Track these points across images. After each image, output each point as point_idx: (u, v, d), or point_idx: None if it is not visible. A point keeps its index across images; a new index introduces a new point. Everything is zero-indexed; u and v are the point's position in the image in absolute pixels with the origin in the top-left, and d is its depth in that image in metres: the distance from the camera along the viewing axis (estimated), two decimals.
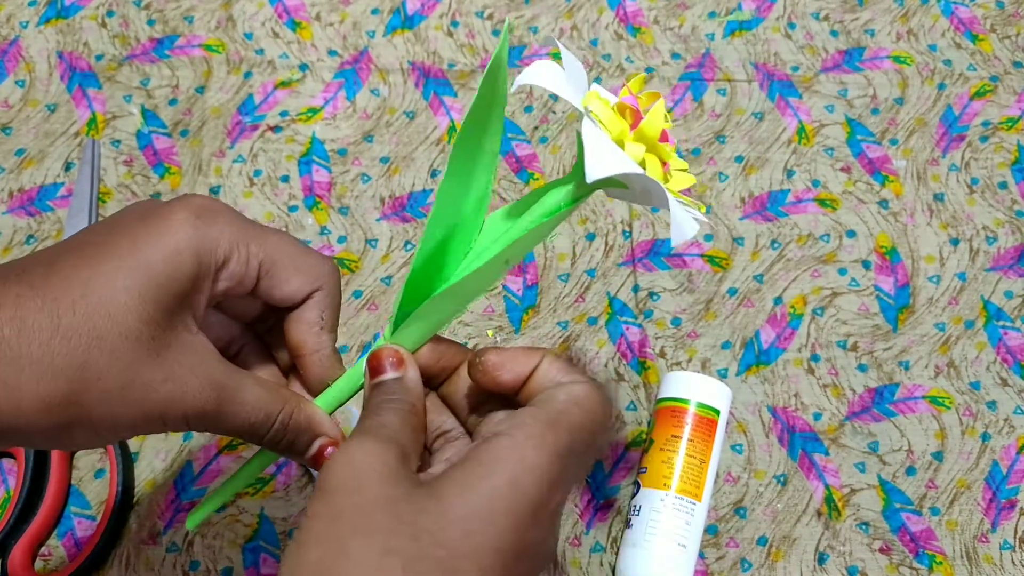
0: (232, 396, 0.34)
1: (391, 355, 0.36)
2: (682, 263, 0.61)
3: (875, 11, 0.69)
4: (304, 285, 0.36)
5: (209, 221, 0.33)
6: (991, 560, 0.54)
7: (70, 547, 0.54)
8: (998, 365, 0.58)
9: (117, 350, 0.31)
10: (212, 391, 0.33)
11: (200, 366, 0.33)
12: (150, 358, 0.31)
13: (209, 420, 0.34)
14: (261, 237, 0.35)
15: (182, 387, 0.32)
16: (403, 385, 0.35)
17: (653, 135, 0.33)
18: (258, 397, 0.35)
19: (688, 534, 0.51)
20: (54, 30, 0.68)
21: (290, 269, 0.36)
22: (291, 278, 0.36)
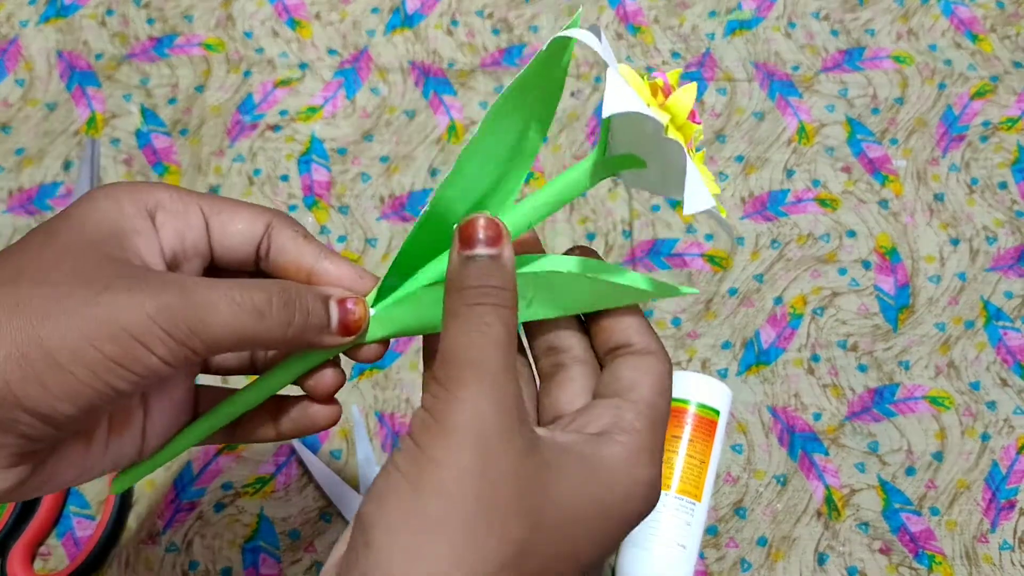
0: (200, 294, 0.30)
1: (488, 226, 0.30)
2: (682, 263, 0.61)
3: (875, 11, 0.69)
4: (256, 217, 0.34)
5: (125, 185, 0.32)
6: (990, 560, 0.54)
7: (69, 547, 0.53)
8: (998, 365, 0.58)
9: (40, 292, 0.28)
10: (168, 287, 0.29)
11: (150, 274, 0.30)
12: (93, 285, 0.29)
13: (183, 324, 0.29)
14: (194, 192, 0.34)
15: (129, 288, 0.29)
16: (502, 267, 0.30)
17: (681, 111, 0.31)
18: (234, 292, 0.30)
19: (688, 534, 0.51)
20: (54, 29, 0.68)
21: (235, 207, 0.34)
22: (239, 212, 0.34)
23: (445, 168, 0.63)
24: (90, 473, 0.32)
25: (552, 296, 0.33)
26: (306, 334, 0.32)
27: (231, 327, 0.30)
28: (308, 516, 0.54)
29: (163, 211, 0.32)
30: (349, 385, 0.57)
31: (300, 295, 0.32)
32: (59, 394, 0.28)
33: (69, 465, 0.31)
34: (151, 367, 0.29)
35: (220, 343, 0.30)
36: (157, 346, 0.29)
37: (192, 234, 0.33)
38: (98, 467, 0.33)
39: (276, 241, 0.34)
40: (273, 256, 0.34)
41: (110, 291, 0.28)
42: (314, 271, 0.34)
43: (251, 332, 0.30)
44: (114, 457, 0.33)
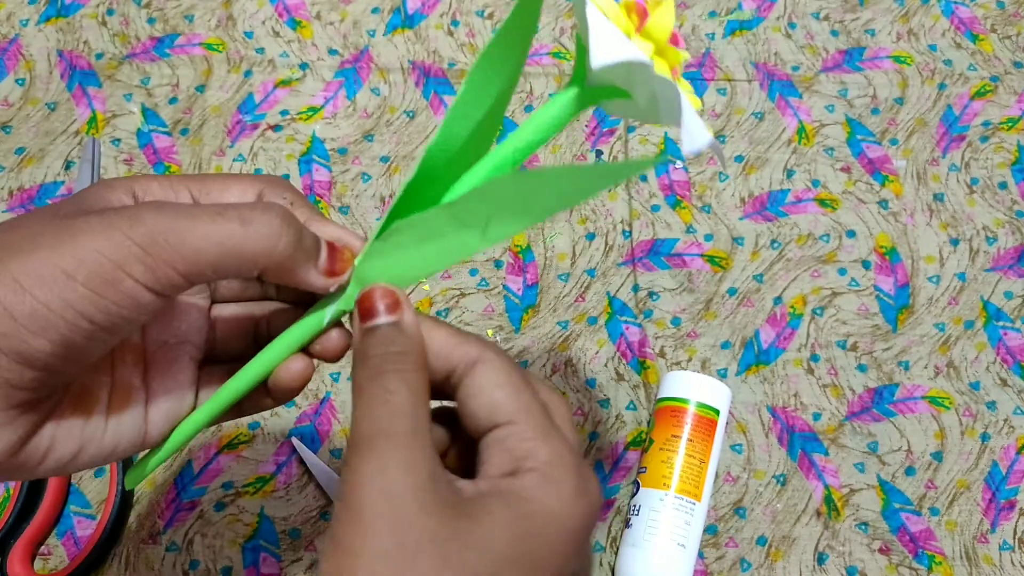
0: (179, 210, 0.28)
1: (384, 295, 0.31)
2: (682, 263, 0.61)
3: (875, 11, 0.69)
4: (245, 188, 0.33)
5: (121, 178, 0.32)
6: (990, 560, 0.54)
7: (70, 546, 0.54)
8: (998, 365, 0.58)
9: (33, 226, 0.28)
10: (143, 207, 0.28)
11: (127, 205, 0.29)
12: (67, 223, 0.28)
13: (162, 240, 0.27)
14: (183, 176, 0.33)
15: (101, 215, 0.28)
16: (403, 333, 0.30)
17: (662, 35, 0.30)
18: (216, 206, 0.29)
19: (687, 534, 0.51)
20: (54, 28, 0.68)
21: (223, 183, 0.33)
22: (228, 187, 0.32)
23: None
24: (91, 451, 0.32)
25: (513, 206, 0.30)
26: (295, 257, 0.30)
27: (214, 237, 0.28)
28: (308, 515, 0.54)
29: (151, 197, 0.32)
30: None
31: (297, 219, 0.31)
32: (32, 328, 0.26)
33: (67, 436, 0.31)
34: (129, 292, 0.27)
35: (202, 258, 0.28)
36: (133, 266, 0.27)
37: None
38: (98, 445, 0.32)
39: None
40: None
41: (84, 220, 0.28)
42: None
43: (236, 243, 0.28)
44: (115, 437, 0.32)
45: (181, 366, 0.34)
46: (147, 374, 0.33)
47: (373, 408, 0.29)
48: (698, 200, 0.63)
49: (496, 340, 0.59)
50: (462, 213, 0.31)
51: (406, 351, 0.30)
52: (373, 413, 0.29)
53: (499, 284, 0.60)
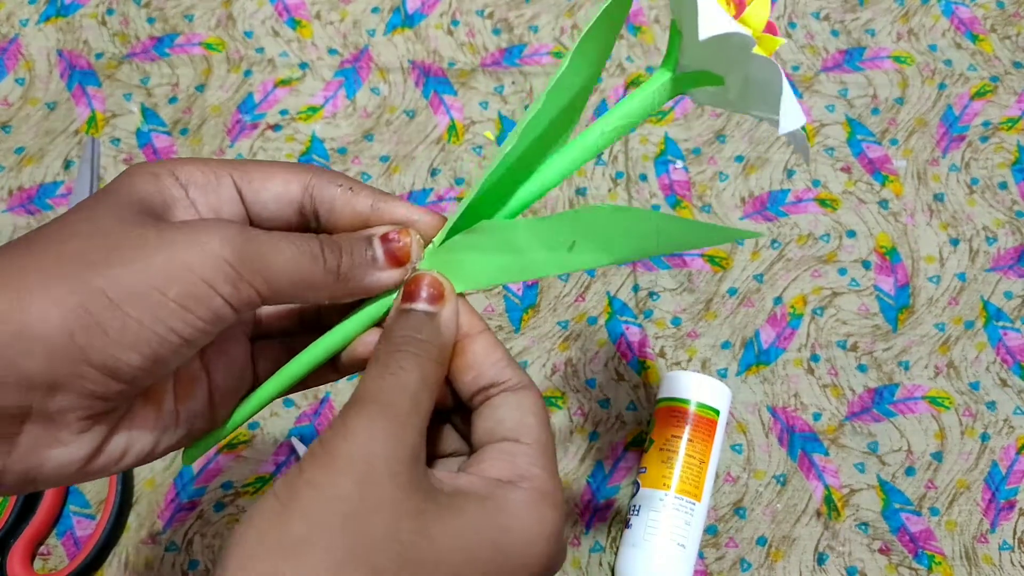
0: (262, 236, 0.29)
1: (432, 284, 0.32)
2: (682, 263, 0.61)
3: (875, 11, 0.69)
4: (290, 178, 0.33)
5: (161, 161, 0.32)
6: (990, 560, 0.54)
7: (69, 546, 0.53)
8: (998, 365, 0.58)
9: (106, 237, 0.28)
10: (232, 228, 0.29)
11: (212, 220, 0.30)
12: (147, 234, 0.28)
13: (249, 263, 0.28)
14: (223, 161, 0.33)
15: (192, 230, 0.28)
16: (434, 325, 0.31)
17: (759, 23, 0.31)
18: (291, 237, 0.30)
19: (687, 534, 0.51)
20: (54, 28, 0.68)
21: (267, 171, 0.33)
22: (272, 176, 0.33)
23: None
24: (166, 441, 0.32)
25: (599, 238, 0.31)
26: (357, 274, 0.31)
27: (292, 269, 0.30)
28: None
29: (194, 187, 0.32)
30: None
31: (343, 239, 0.32)
32: (124, 342, 0.27)
33: (142, 433, 0.31)
34: (215, 309, 0.28)
35: (282, 285, 0.30)
36: (223, 285, 0.28)
37: (226, 207, 0.32)
38: (173, 434, 0.32)
39: (323, 201, 0.33)
40: (324, 217, 0.33)
41: (168, 232, 0.28)
42: (371, 219, 0.33)
43: (308, 276, 0.30)
44: (187, 423, 0.33)
45: (236, 344, 0.35)
46: (205, 357, 0.33)
47: (382, 377, 0.29)
48: (698, 200, 0.63)
49: None
50: (547, 232, 0.31)
51: (431, 341, 0.31)
52: (380, 382, 0.29)
53: (500, 284, 0.60)
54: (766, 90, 0.31)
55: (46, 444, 0.28)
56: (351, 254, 0.31)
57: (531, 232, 0.31)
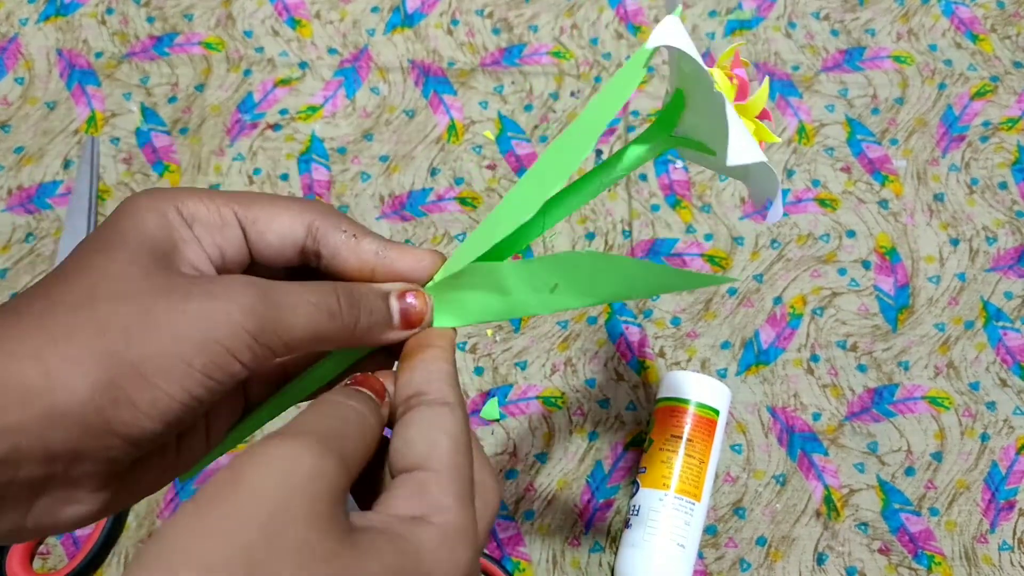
0: (280, 297, 0.30)
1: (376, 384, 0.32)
2: (681, 263, 0.61)
3: (875, 11, 0.69)
4: (296, 217, 0.33)
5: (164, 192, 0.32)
6: (990, 561, 0.54)
7: (69, 546, 0.53)
8: (997, 366, 0.58)
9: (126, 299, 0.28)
10: (248, 291, 0.29)
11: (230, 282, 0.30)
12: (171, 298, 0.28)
13: (269, 329, 0.29)
14: (227, 195, 0.33)
15: (210, 296, 0.28)
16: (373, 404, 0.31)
17: (755, 111, 0.33)
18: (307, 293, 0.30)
19: (687, 534, 0.51)
20: (53, 27, 0.67)
21: (272, 210, 0.33)
22: (279, 215, 0.33)
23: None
24: (166, 479, 0.32)
25: (580, 282, 0.32)
26: (371, 331, 0.32)
27: (309, 328, 0.30)
28: None
29: (199, 225, 0.32)
30: None
31: (362, 295, 0.32)
32: (151, 413, 0.27)
33: (149, 477, 0.32)
34: (234, 373, 0.29)
35: (299, 344, 0.30)
36: (243, 352, 0.29)
37: (231, 249, 0.32)
38: (172, 472, 0.33)
39: (327, 245, 0.33)
40: (327, 261, 0.33)
41: (192, 300, 0.28)
42: (377, 268, 0.33)
43: (324, 332, 0.31)
44: (186, 459, 0.33)
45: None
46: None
47: (318, 413, 0.29)
48: (698, 200, 0.63)
49: (495, 340, 0.59)
50: (533, 275, 0.32)
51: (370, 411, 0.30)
52: (317, 417, 0.28)
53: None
54: (761, 185, 0.33)
55: (63, 504, 0.29)
56: (370, 313, 0.32)
57: (517, 275, 0.32)
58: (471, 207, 0.62)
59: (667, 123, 0.34)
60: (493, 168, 0.64)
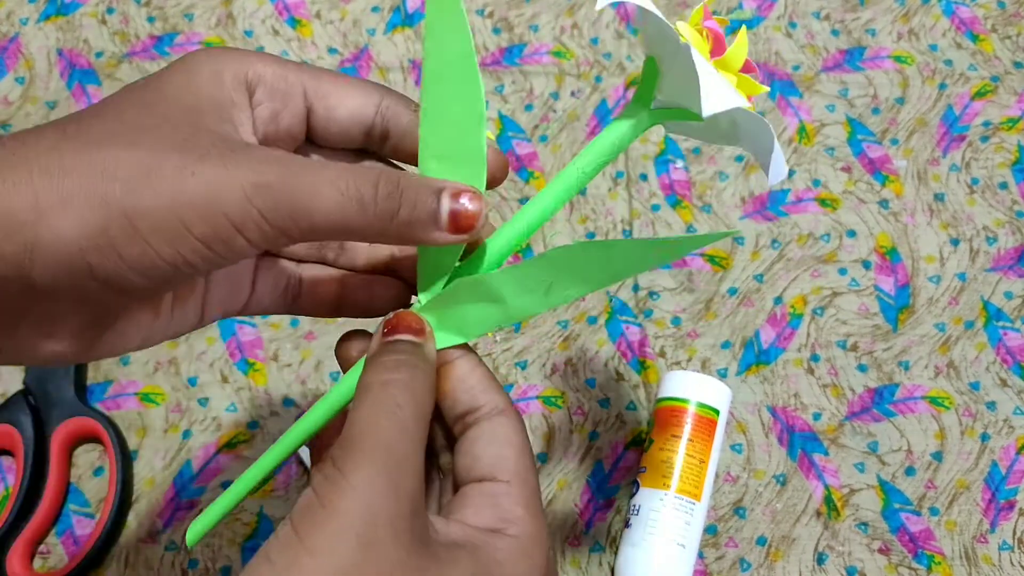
0: (304, 177, 0.27)
1: (414, 320, 0.30)
2: (682, 262, 0.61)
3: (876, 11, 0.69)
4: (367, 95, 0.31)
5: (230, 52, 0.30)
6: (990, 561, 0.54)
7: (69, 545, 0.53)
8: (998, 366, 0.58)
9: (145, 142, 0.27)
10: (269, 165, 0.27)
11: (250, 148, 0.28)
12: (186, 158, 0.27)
13: (284, 208, 0.27)
14: (298, 65, 0.31)
15: (225, 163, 0.27)
16: (422, 353, 0.30)
17: (736, 64, 0.31)
18: (338, 177, 0.28)
19: (687, 534, 0.51)
20: (54, 27, 0.68)
21: (344, 88, 0.31)
22: (349, 93, 0.31)
23: None
24: (151, 340, 0.31)
25: (573, 275, 0.31)
26: (412, 228, 0.29)
27: (332, 216, 0.27)
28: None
29: (263, 87, 0.30)
30: None
31: (409, 186, 0.29)
32: (135, 266, 0.26)
33: (135, 332, 0.31)
34: (237, 249, 0.27)
35: (317, 232, 0.28)
36: (250, 229, 0.27)
37: (289, 119, 0.31)
38: (160, 335, 0.32)
39: (397, 124, 0.31)
40: (395, 142, 0.32)
41: (206, 162, 0.26)
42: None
43: (352, 223, 0.28)
44: (177, 326, 0.32)
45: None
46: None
47: (379, 416, 0.28)
48: (698, 200, 0.63)
49: (496, 340, 0.59)
50: (524, 279, 0.31)
51: (420, 367, 0.30)
52: (378, 422, 0.28)
53: None
54: (754, 141, 0.31)
55: (43, 338, 0.28)
56: (413, 206, 0.29)
57: (509, 281, 0.31)
58: None
59: (645, 95, 0.32)
60: None
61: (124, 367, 0.58)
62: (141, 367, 0.58)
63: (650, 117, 0.32)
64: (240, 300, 0.34)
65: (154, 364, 0.58)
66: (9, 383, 0.57)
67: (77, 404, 0.55)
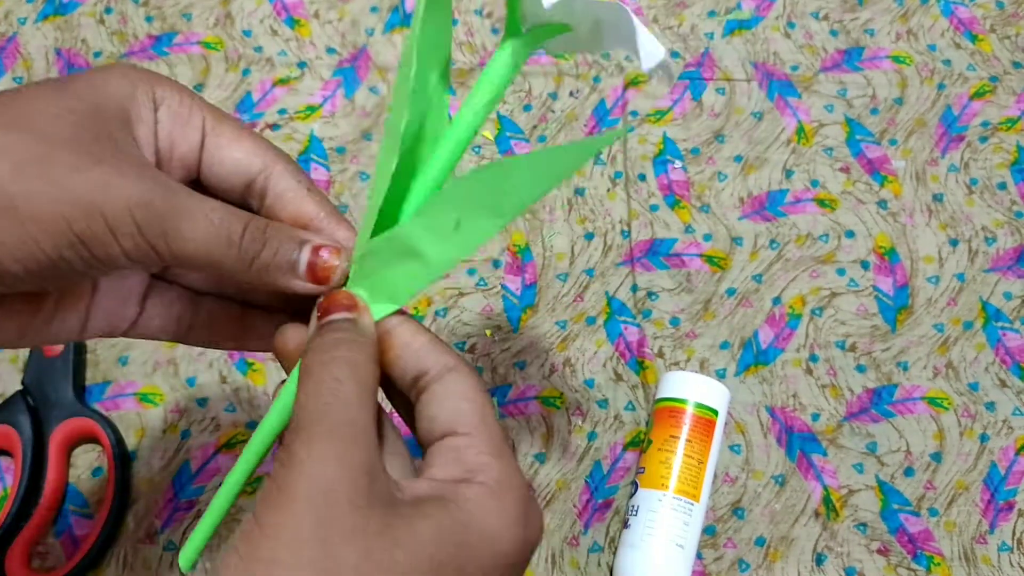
0: (183, 202, 0.29)
1: (345, 297, 0.31)
2: (680, 263, 0.61)
3: (874, 11, 0.69)
4: (256, 152, 0.32)
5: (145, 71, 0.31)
6: (989, 561, 0.54)
7: (67, 545, 0.53)
8: (997, 366, 0.58)
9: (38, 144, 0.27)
10: (157, 185, 0.28)
11: (144, 166, 0.29)
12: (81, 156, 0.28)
13: (157, 225, 0.28)
14: (205, 102, 0.32)
15: (119, 171, 0.28)
16: (359, 326, 0.31)
17: None
18: (213, 211, 0.29)
19: (686, 534, 0.51)
20: (52, 27, 0.67)
21: (238, 134, 0.32)
22: (240, 141, 0.32)
23: None
24: (29, 340, 0.32)
25: (479, 203, 0.30)
26: (271, 272, 0.31)
27: (200, 245, 0.29)
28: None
29: (166, 109, 0.31)
30: None
31: (275, 233, 0.31)
32: (12, 252, 0.27)
33: (11, 326, 0.31)
34: (111, 255, 0.28)
35: (185, 257, 0.29)
36: (125, 238, 0.28)
37: (184, 147, 0.32)
38: (37, 335, 0.32)
39: (275, 188, 0.32)
40: (270, 203, 0.32)
41: (100, 166, 0.28)
42: (311, 228, 0.32)
43: (216, 256, 0.30)
44: (57, 330, 0.32)
45: (133, 274, 0.34)
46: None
47: (320, 395, 0.28)
48: (697, 200, 0.63)
49: (495, 340, 0.59)
50: (431, 222, 0.30)
51: (359, 341, 0.30)
52: (320, 399, 0.28)
53: (497, 284, 0.60)
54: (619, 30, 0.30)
55: None
56: (275, 251, 0.31)
57: (417, 229, 0.31)
58: None
59: (513, 24, 0.31)
60: None
61: (123, 367, 0.58)
62: (140, 367, 0.58)
63: (524, 43, 0.31)
64: (126, 318, 0.35)
65: (153, 364, 0.58)
66: (8, 383, 0.57)
67: (75, 404, 0.55)
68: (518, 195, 0.30)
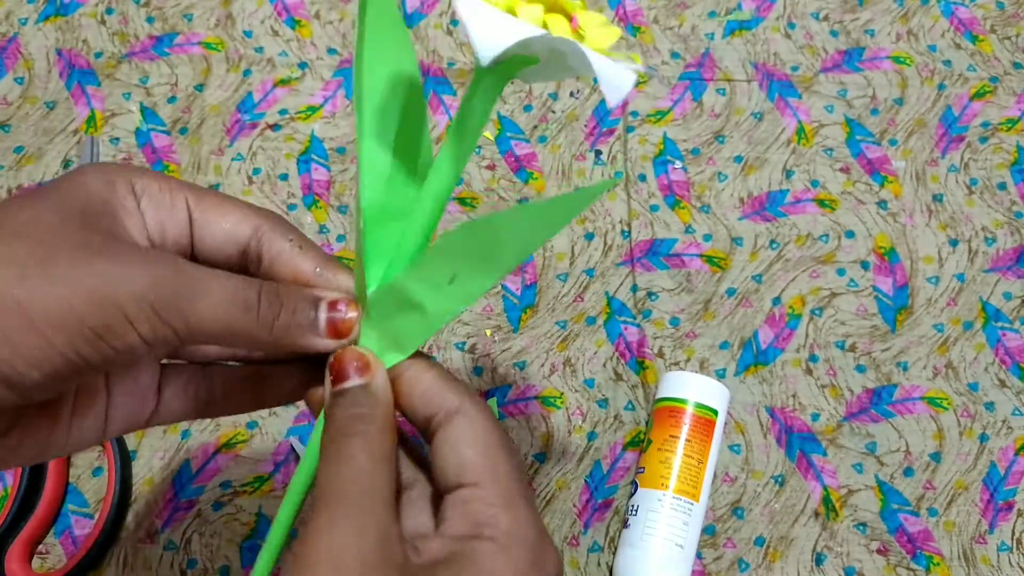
0: (193, 276, 0.29)
1: (356, 358, 0.31)
2: (680, 263, 0.61)
3: (875, 11, 0.69)
4: (244, 219, 0.32)
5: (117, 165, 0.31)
6: (988, 561, 0.54)
7: (67, 545, 0.54)
8: (996, 366, 0.58)
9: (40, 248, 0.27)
10: (165, 265, 0.28)
11: (146, 250, 0.29)
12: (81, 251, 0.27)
13: (173, 304, 0.28)
14: (182, 182, 0.32)
15: (123, 259, 0.28)
16: (370, 393, 0.31)
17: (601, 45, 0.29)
18: (226, 281, 0.29)
19: (685, 534, 0.51)
20: (53, 27, 0.68)
21: (223, 205, 0.32)
22: (226, 212, 0.32)
23: None
24: (49, 452, 0.32)
25: (472, 257, 0.30)
26: (292, 334, 0.31)
27: (219, 315, 0.29)
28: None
29: (148, 197, 0.31)
30: None
31: (288, 294, 0.31)
32: (28, 358, 0.26)
33: (33, 443, 0.31)
34: (129, 343, 0.28)
35: (204, 330, 0.29)
36: (141, 322, 0.27)
37: (174, 230, 0.32)
38: (59, 447, 0.32)
39: (270, 251, 0.33)
40: (267, 266, 0.33)
41: (101, 257, 0.27)
42: (311, 282, 0.33)
43: (237, 325, 0.29)
44: (76, 439, 0.32)
45: (144, 366, 0.34)
46: (109, 376, 0.33)
47: (333, 469, 0.29)
48: (697, 200, 0.63)
49: (495, 340, 0.59)
50: (426, 275, 0.30)
51: (371, 413, 0.30)
52: (333, 473, 0.29)
53: (497, 284, 0.60)
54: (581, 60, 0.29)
55: None
56: (292, 312, 0.31)
57: (412, 281, 0.31)
58: (471, 207, 0.62)
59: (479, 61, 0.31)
60: (493, 168, 0.64)
61: None
62: None
63: (495, 78, 0.31)
64: (144, 412, 0.35)
65: None
66: None
67: None
68: (511, 249, 0.29)
